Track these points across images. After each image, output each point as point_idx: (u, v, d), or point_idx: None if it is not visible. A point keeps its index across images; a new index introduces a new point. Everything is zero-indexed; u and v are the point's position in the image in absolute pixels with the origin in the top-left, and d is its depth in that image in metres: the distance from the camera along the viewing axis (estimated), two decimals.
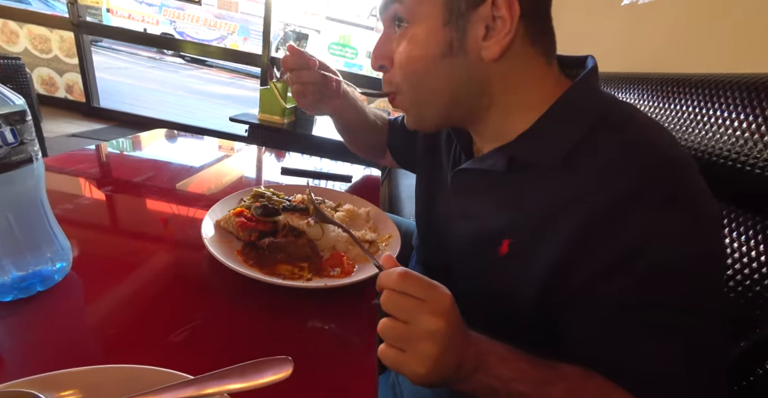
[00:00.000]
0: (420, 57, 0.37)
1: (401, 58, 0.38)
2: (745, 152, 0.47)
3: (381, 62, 0.41)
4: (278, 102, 1.31)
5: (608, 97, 0.38)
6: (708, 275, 0.32)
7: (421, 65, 0.37)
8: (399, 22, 0.38)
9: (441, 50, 0.36)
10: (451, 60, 0.36)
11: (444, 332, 0.28)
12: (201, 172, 0.75)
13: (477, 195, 0.44)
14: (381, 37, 0.41)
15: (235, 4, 3.13)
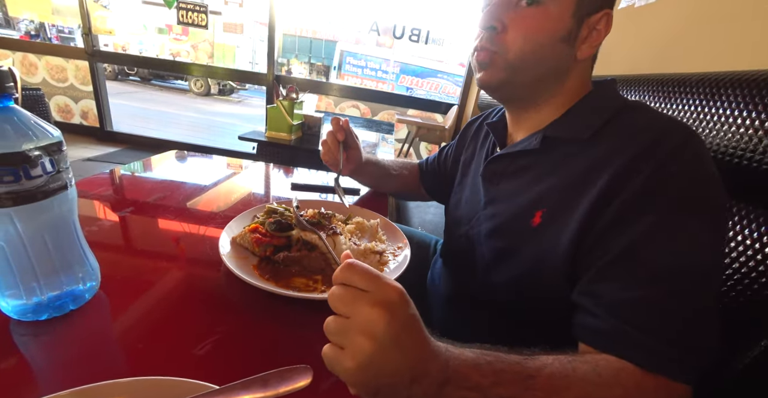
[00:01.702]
0: (546, 32, 0.43)
1: (529, 28, 0.43)
2: (750, 147, 0.49)
3: (494, 23, 0.45)
4: (285, 119, 1.36)
5: (623, 98, 0.46)
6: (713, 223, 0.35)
7: (545, 39, 0.43)
8: (528, 2, 0.43)
9: (562, 34, 0.43)
10: (563, 45, 0.44)
11: (384, 326, 0.25)
12: (213, 190, 0.78)
13: (508, 179, 0.51)
14: (498, 3, 0.45)
15: (240, 26, 3.26)
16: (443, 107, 2.92)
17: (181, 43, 6.14)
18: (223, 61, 8.21)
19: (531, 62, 0.44)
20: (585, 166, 0.41)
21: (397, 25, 2.76)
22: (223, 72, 3.30)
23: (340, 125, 0.69)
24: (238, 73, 3.40)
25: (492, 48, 0.45)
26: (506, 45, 0.44)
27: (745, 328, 0.41)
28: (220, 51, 8.24)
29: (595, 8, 0.43)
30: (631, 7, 1.23)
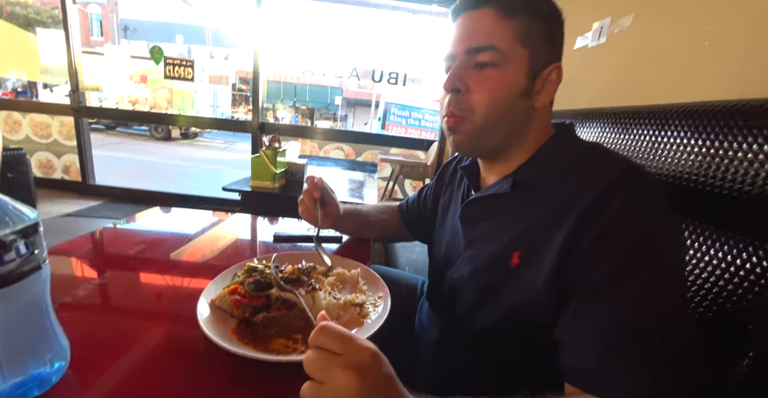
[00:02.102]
0: (506, 91, 0.47)
1: (490, 88, 0.47)
2: (697, 171, 0.54)
3: (458, 86, 0.49)
4: (268, 168, 1.39)
5: (581, 140, 0.51)
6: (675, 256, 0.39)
7: (506, 97, 0.47)
8: (486, 65, 0.47)
9: (519, 91, 0.47)
10: (522, 99, 0.48)
11: (355, 390, 0.26)
12: (196, 246, 0.77)
13: (484, 221, 0.53)
14: (459, 66, 0.49)
15: (225, 77, 3.42)
16: (424, 143, 3.04)
17: (139, 90, 6.23)
18: (181, 106, 8.21)
19: (496, 120, 0.48)
20: (553, 208, 0.44)
21: (376, 70, 2.93)
22: (208, 121, 3.40)
23: (315, 183, 0.72)
24: (224, 122, 3.51)
25: (459, 113, 0.49)
26: (472, 105, 0.48)
27: (730, 341, 0.43)
28: (178, 97, 8.26)
29: (545, 63, 0.48)
30: (585, 47, 1.36)
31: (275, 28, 2.87)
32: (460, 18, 0.49)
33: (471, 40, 0.47)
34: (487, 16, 0.46)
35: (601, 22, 1.28)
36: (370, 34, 3.12)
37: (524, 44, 0.46)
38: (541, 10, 0.47)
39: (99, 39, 13.72)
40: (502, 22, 0.46)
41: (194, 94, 8.58)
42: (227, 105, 11.70)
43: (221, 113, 10.85)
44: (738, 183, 0.48)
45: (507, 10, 0.46)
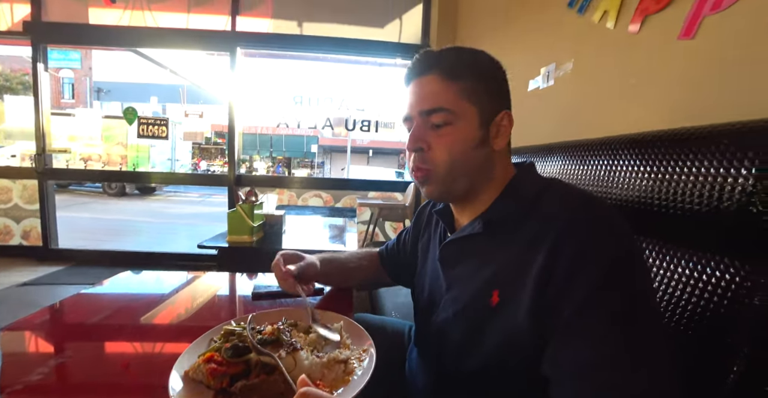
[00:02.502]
0: (463, 144, 0.51)
1: (448, 144, 0.51)
2: (645, 193, 0.59)
3: (419, 146, 0.52)
4: (246, 222, 1.37)
5: (541, 176, 0.55)
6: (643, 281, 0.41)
7: (463, 151, 0.51)
8: (440, 125, 0.51)
9: (476, 143, 0.51)
10: (480, 148, 0.52)
11: None
12: (169, 309, 0.73)
13: (463, 262, 0.54)
14: (418, 128, 0.53)
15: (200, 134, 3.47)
16: (401, 185, 3.11)
17: (93, 148, 6.04)
18: (136, 161, 7.97)
19: (459, 170, 0.52)
20: (523, 245, 0.46)
21: (348, 119, 3.07)
22: (183, 177, 3.37)
23: (283, 272, 0.70)
24: (200, 177, 3.49)
25: (425, 166, 0.53)
26: (435, 161, 0.52)
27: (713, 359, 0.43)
28: (133, 152, 7.92)
29: (495, 113, 0.52)
30: (537, 89, 1.50)
31: (249, 84, 3.01)
32: (412, 84, 0.54)
33: (423, 103, 0.52)
34: (434, 81, 0.51)
35: (548, 67, 1.43)
36: (340, 86, 3.32)
37: (471, 102, 0.51)
38: (481, 72, 0.53)
39: (70, 101, 13.81)
40: (448, 86, 0.51)
41: (150, 149, 8.32)
42: (187, 158, 11.46)
43: (181, 165, 10.59)
44: (686, 203, 0.52)
45: (450, 75, 0.51)
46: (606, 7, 1.11)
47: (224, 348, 0.48)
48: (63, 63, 13.59)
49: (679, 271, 0.51)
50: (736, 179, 0.46)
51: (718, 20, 0.77)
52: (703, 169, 0.51)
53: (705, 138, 0.53)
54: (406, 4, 2.80)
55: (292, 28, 2.81)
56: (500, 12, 1.90)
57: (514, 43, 1.71)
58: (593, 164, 0.76)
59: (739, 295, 0.43)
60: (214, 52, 3.02)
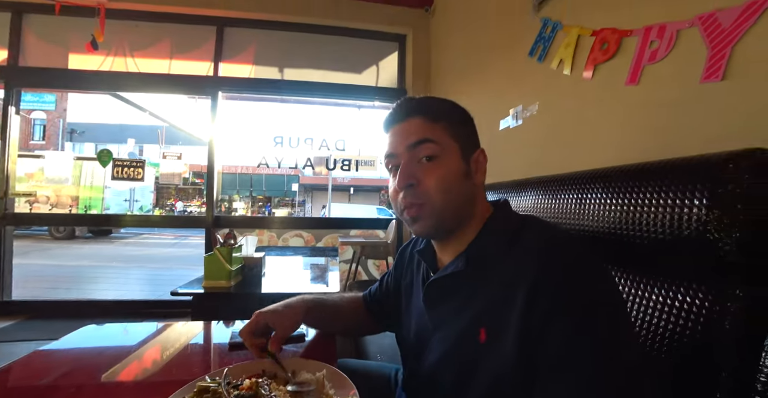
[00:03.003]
0: (452, 176, 0.53)
1: (439, 177, 0.53)
2: (614, 224, 0.62)
3: (411, 181, 0.54)
4: (223, 267, 1.32)
5: (517, 214, 0.57)
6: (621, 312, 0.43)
7: (454, 182, 0.53)
8: (430, 157, 0.53)
9: (461, 174, 0.54)
10: (465, 180, 0.54)
11: None
12: (136, 363, 0.67)
13: (448, 301, 0.55)
14: (407, 164, 0.54)
15: (178, 175, 3.43)
16: (383, 222, 3.11)
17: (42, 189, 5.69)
18: (89, 203, 7.46)
19: (452, 201, 0.53)
20: (505, 282, 0.46)
21: (329, 158, 3.12)
22: (158, 219, 3.26)
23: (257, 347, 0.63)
24: (177, 219, 3.39)
25: (418, 201, 0.53)
26: (429, 194, 0.53)
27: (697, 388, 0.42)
28: (86, 193, 7.45)
29: (472, 149, 0.57)
30: (507, 128, 1.59)
31: (230, 126, 3.05)
32: (393, 129, 0.57)
33: (410, 137, 0.54)
34: (417, 122, 0.55)
35: (515, 108, 1.54)
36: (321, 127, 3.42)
37: (453, 138, 0.55)
38: (456, 116, 0.58)
39: (40, 143, 13.47)
40: (431, 125, 0.54)
41: (104, 190, 7.71)
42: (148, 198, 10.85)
43: (140, 206, 10.01)
44: (650, 232, 0.55)
45: (431, 118, 0.55)
46: (561, 56, 1.23)
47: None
48: (36, 105, 13.43)
49: (648, 297, 0.53)
50: (691, 209, 0.49)
51: (656, 69, 0.88)
52: (661, 200, 0.55)
53: (659, 172, 0.58)
54: (382, 53, 3.00)
55: (273, 73, 2.93)
56: (469, 58, 2.07)
57: (485, 86, 1.85)
58: (563, 198, 0.79)
59: (710, 320, 0.45)
60: (195, 96, 3.08)
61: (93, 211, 7.27)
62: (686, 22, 0.79)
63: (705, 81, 0.74)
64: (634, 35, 0.94)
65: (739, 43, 0.69)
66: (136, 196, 9.71)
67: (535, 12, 1.38)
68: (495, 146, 1.60)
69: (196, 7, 2.60)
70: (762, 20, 0.65)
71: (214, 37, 2.79)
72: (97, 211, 7.40)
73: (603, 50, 1.05)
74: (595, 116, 1.09)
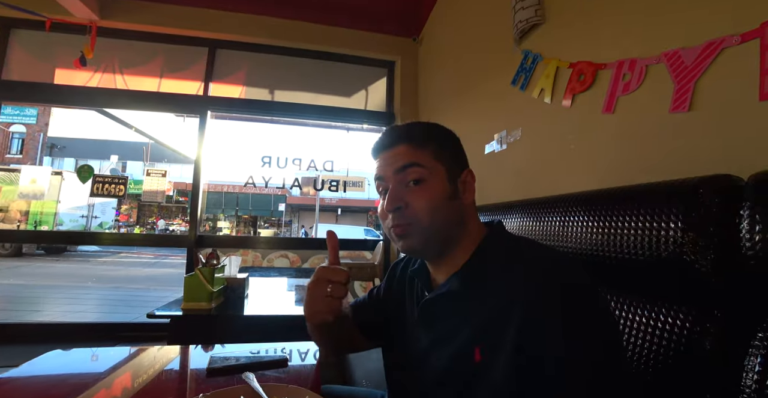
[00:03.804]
0: (439, 198, 0.55)
1: (426, 199, 0.54)
2: (598, 246, 0.63)
3: (399, 204, 0.55)
4: (204, 288, 1.28)
5: (512, 235, 0.58)
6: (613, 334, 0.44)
7: (440, 204, 0.55)
8: (417, 181, 0.55)
9: (448, 195, 0.55)
10: (452, 201, 0.56)
11: None
12: (105, 391, 0.63)
13: (443, 320, 0.55)
14: (395, 188, 0.56)
15: (161, 193, 3.36)
16: (369, 243, 3.09)
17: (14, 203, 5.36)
18: (39, 218, 6.98)
19: (439, 220, 0.55)
20: (500, 301, 0.47)
21: (317, 179, 3.13)
22: (138, 238, 3.15)
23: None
24: (157, 237, 3.28)
25: (405, 222, 0.55)
26: (417, 215, 0.54)
27: None
28: (37, 208, 7.03)
29: (459, 170, 0.59)
30: (492, 152, 1.64)
31: (218, 144, 3.04)
32: (380, 156, 0.59)
33: (397, 162, 0.56)
34: (403, 148, 0.57)
35: (500, 133, 1.59)
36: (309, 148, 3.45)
37: (439, 161, 0.57)
38: (443, 140, 0.60)
39: (17, 156, 13.05)
40: (417, 151, 0.57)
41: (57, 205, 7.19)
42: (110, 215, 10.23)
43: (99, 223, 9.45)
44: (631, 254, 0.57)
45: (417, 144, 0.57)
46: (542, 85, 1.30)
47: None
48: (16, 118, 13.12)
49: (631, 318, 0.54)
50: (668, 231, 0.52)
51: (630, 99, 0.93)
52: (640, 223, 0.57)
53: (637, 196, 0.61)
54: (371, 78, 3.10)
55: (263, 94, 2.97)
56: (455, 85, 2.16)
57: (470, 111, 1.92)
58: (548, 220, 0.82)
59: (691, 340, 0.46)
60: (184, 115, 3.08)
61: (44, 227, 6.87)
62: (654, 58, 0.86)
63: (674, 111, 0.79)
64: (608, 68, 1.00)
65: (701, 79, 0.75)
66: (95, 212, 9.19)
67: (516, 44, 1.47)
68: (481, 170, 1.63)
69: (189, 29, 2.65)
70: (720, 58, 0.71)
71: (206, 57, 2.84)
72: (48, 227, 6.98)
73: (580, 81, 1.11)
74: (575, 142, 1.14)
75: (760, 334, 0.41)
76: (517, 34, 1.44)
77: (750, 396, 0.39)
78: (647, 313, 0.53)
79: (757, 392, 0.39)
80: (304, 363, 0.76)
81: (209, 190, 12.46)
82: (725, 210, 0.46)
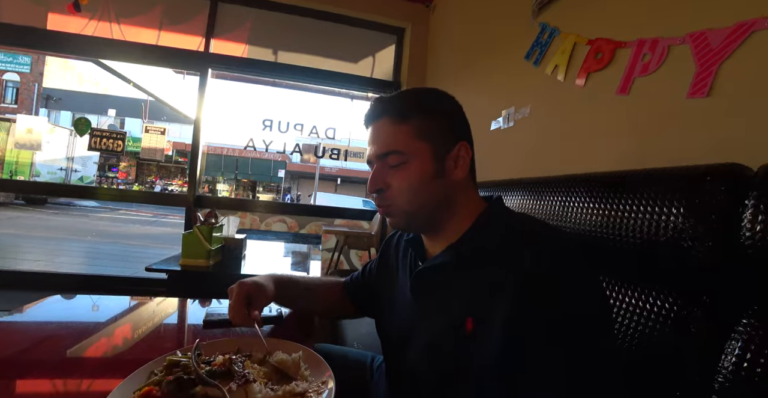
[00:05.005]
0: (419, 180, 0.54)
1: (405, 182, 0.54)
2: (599, 228, 0.63)
3: (380, 187, 0.56)
4: (202, 245, 1.29)
5: (512, 211, 0.58)
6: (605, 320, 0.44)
7: (420, 185, 0.54)
8: (396, 165, 0.54)
9: (431, 175, 0.54)
10: (437, 180, 0.54)
11: None
12: (104, 339, 0.65)
13: (435, 291, 0.55)
14: (376, 171, 0.56)
15: (160, 150, 3.32)
16: (368, 213, 3.11)
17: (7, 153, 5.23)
18: (13, 168, 6.76)
19: (419, 203, 0.55)
20: (496, 275, 0.47)
21: (318, 146, 3.09)
22: (137, 195, 3.16)
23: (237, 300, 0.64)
24: (156, 195, 3.29)
25: (386, 203, 0.57)
26: (395, 198, 0.55)
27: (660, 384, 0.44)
28: (12, 157, 6.80)
29: (451, 145, 0.55)
30: (498, 129, 1.61)
31: (218, 105, 2.97)
32: (369, 128, 0.59)
33: (378, 147, 0.56)
34: (385, 124, 0.56)
35: (508, 110, 1.56)
36: (312, 114, 3.37)
37: (423, 139, 0.54)
38: (431, 109, 0.56)
39: (12, 106, 12.73)
40: (398, 128, 0.55)
41: (33, 155, 6.97)
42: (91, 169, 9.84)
43: (79, 176, 9.13)
44: (629, 237, 0.57)
45: (399, 117, 0.55)
46: (557, 61, 1.25)
47: (165, 380, 0.44)
48: (9, 66, 12.67)
49: (621, 299, 0.55)
50: (669, 216, 0.52)
51: (647, 81, 0.90)
52: (641, 207, 0.57)
53: (640, 180, 0.60)
54: (379, 44, 2.97)
55: (266, 55, 2.86)
56: (465, 57, 2.07)
57: (479, 85, 1.86)
58: (549, 200, 0.81)
59: (677, 323, 0.47)
60: (184, 72, 2.98)
61: (20, 177, 6.71)
62: (678, 38, 0.82)
63: (691, 97, 0.77)
64: (628, 47, 0.96)
65: (725, 63, 0.71)
66: (75, 165, 8.86)
67: (534, 16, 1.39)
68: (484, 146, 1.61)
69: None
70: (748, 42, 0.68)
71: (207, 11, 2.69)
72: (24, 177, 6.82)
73: (597, 60, 1.07)
74: (585, 122, 1.12)
75: (744, 320, 0.42)
76: (535, 6, 1.36)
77: (726, 376, 0.41)
78: (637, 295, 0.54)
79: (732, 373, 0.40)
80: (299, 320, 0.78)
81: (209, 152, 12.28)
82: (730, 199, 0.46)
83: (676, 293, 0.50)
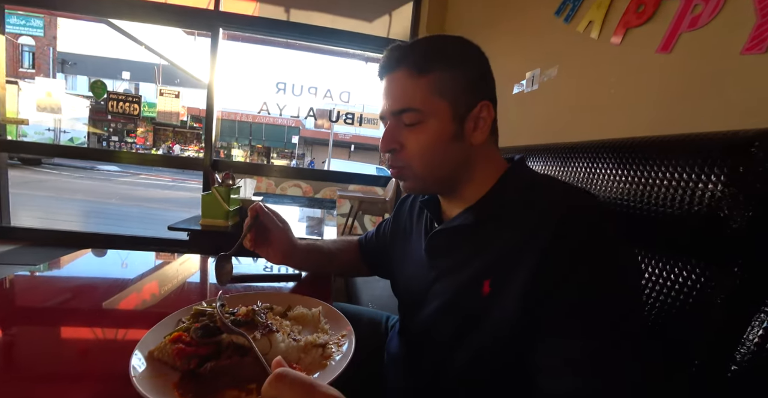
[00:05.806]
0: (436, 142, 0.51)
1: (420, 143, 0.51)
2: (627, 197, 0.61)
3: (393, 146, 0.53)
4: (221, 206, 1.32)
5: (535, 172, 0.54)
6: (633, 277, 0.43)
7: (437, 148, 0.51)
8: (412, 124, 0.51)
9: (449, 137, 0.51)
10: (455, 143, 0.51)
11: None
12: (134, 293, 0.69)
13: (451, 252, 0.53)
14: (389, 129, 0.53)
15: (175, 114, 3.32)
16: (382, 180, 3.10)
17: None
18: None
19: (434, 167, 0.52)
20: (516, 238, 0.45)
21: (332, 110, 3.03)
22: (155, 158, 3.22)
23: (254, 207, 0.72)
24: (174, 159, 3.34)
25: (399, 164, 0.54)
26: (408, 159, 0.53)
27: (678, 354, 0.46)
28: None
29: (472, 105, 0.51)
30: (522, 92, 1.53)
31: (231, 68, 2.90)
32: (384, 80, 0.54)
33: (393, 103, 0.52)
34: (402, 77, 0.51)
35: (533, 72, 1.46)
36: (326, 77, 3.26)
37: (443, 96, 0.50)
38: (454, 61, 0.51)
39: (30, 71, 12.81)
40: (416, 82, 0.50)
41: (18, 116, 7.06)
42: (81, 131, 9.54)
43: (69, 138, 8.98)
44: (659, 206, 0.54)
45: (418, 69, 0.50)
46: (591, 17, 1.14)
47: (194, 328, 0.47)
48: (23, 29, 12.56)
49: (653, 271, 0.54)
50: (707, 184, 0.48)
51: (694, 37, 0.82)
52: (676, 174, 0.53)
53: (679, 146, 0.56)
54: (396, 2, 2.78)
55: (278, 13, 2.73)
56: (488, 14, 1.92)
57: (501, 46, 1.74)
58: (574, 166, 0.78)
59: (703, 294, 0.46)
60: (195, 32, 2.88)
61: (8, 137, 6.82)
62: None
63: (747, 52, 0.69)
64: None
65: None
66: (64, 126, 8.64)
67: None
68: (505, 111, 1.54)
69: None
70: None
71: None
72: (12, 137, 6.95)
73: (638, 13, 0.97)
74: (618, 84, 1.04)
75: None
76: None
77: (749, 348, 0.40)
78: (662, 265, 0.52)
79: (757, 345, 0.40)
80: (316, 279, 0.81)
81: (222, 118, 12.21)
82: None
83: (705, 263, 0.48)
